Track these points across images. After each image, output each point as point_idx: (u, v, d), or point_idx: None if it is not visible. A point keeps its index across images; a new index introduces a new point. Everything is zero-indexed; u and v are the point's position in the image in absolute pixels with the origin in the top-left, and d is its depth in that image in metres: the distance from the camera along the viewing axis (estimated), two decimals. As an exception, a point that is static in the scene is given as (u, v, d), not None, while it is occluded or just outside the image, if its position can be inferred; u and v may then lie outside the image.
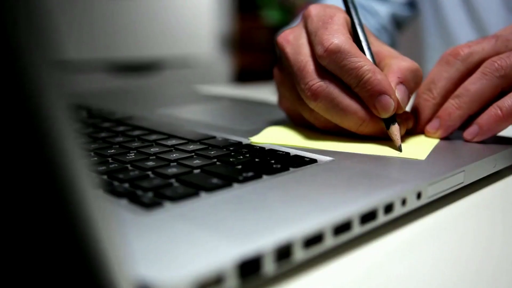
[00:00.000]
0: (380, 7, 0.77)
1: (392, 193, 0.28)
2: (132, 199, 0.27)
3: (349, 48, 0.36)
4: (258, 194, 0.28)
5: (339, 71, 0.37)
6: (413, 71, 0.38)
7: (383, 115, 0.37)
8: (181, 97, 0.65)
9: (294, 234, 0.23)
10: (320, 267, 0.24)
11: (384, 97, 0.36)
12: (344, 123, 0.38)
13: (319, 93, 0.37)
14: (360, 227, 0.26)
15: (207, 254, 0.21)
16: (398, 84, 0.37)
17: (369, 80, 0.36)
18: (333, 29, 0.37)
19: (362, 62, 0.36)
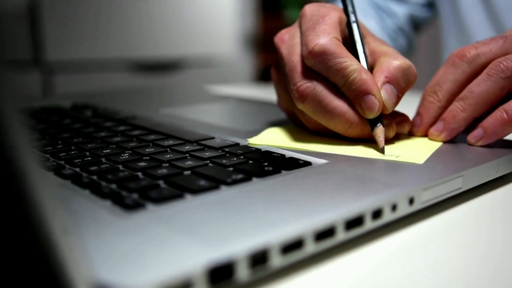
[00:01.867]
0: (397, 7, 0.76)
1: (382, 198, 0.27)
2: (115, 200, 0.26)
3: (334, 49, 0.36)
4: (244, 197, 0.27)
5: (326, 72, 0.36)
6: (404, 70, 0.37)
7: (368, 115, 0.36)
8: (191, 97, 0.65)
9: (271, 240, 0.22)
10: (300, 274, 0.23)
11: (368, 97, 0.36)
12: (331, 125, 0.37)
13: (307, 94, 0.36)
14: (345, 233, 0.25)
15: (178, 259, 0.20)
16: (385, 84, 0.37)
17: (355, 80, 0.35)
18: (320, 30, 0.36)
19: (348, 62, 0.35)
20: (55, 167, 0.32)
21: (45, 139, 0.39)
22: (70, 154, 0.35)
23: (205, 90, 0.74)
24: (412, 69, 0.38)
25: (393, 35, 0.74)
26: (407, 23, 0.77)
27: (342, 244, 0.26)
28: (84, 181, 0.29)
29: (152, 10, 1.62)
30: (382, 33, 0.72)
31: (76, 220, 0.24)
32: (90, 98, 0.61)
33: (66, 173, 0.31)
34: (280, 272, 0.23)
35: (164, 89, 0.74)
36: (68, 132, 0.42)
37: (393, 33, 0.74)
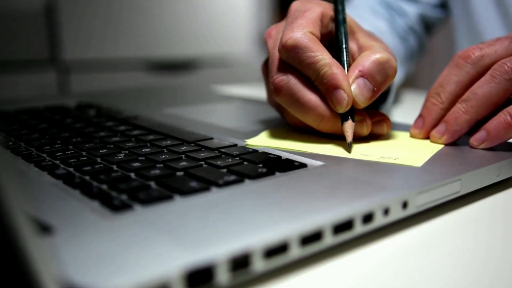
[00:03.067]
0: (409, 7, 0.75)
1: (373, 201, 0.26)
2: (103, 201, 0.26)
3: (306, 43, 0.36)
4: (233, 199, 0.27)
5: (299, 66, 0.37)
6: (380, 64, 0.37)
7: (338, 109, 0.36)
8: (197, 97, 0.65)
9: (253, 243, 0.22)
10: (285, 279, 0.23)
11: (338, 91, 0.35)
12: (305, 119, 0.38)
13: (281, 87, 0.37)
14: (333, 237, 0.25)
15: (155, 262, 0.20)
16: (358, 78, 0.36)
17: (325, 74, 0.35)
18: (296, 24, 0.37)
19: (319, 56, 0.35)
20: (50, 167, 0.32)
21: (45, 139, 0.40)
22: (66, 154, 0.35)
23: (212, 90, 0.74)
24: (390, 63, 0.37)
25: (404, 35, 0.73)
26: (418, 23, 0.75)
27: (331, 248, 0.25)
28: (76, 181, 0.29)
29: (168, 10, 1.63)
30: (392, 33, 0.71)
31: (61, 221, 0.24)
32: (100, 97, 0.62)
33: (59, 173, 0.31)
34: (264, 276, 0.23)
35: (172, 89, 0.74)
36: (68, 132, 0.42)
37: (404, 33, 0.73)
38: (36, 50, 1.59)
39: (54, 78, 1.59)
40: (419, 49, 0.76)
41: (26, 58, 1.57)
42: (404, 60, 0.72)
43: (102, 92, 0.72)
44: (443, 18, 0.77)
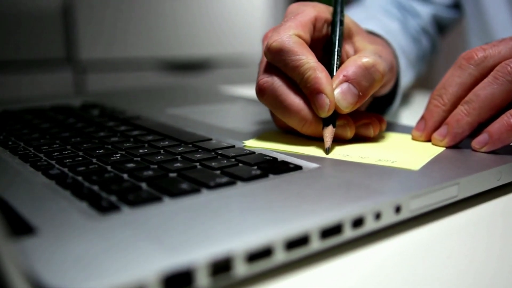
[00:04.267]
0: (422, 7, 0.73)
1: (364, 205, 0.26)
2: (92, 202, 0.26)
3: (291, 46, 0.35)
4: (222, 202, 0.26)
5: (284, 68, 0.36)
6: (366, 68, 0.36)
7: (320, 114, 0.36)
8: (203, 97, 0.65)
9: (235, 248, 0.21)
10: (269, 284, 0.23)
11: (320, 95, 0.35)
12: (289, 121, 0.37)
13: (265, 89, 0.37)
14: (321, 242, 0.24)
15: (133, 264, 0.20)
16: (342, 83, 0.36)
17: (309, 78, 0.35)
18: (285, 27, 0.37)
19: (304, 59, 0.35)
20: (45, 167, 0.32)
21: (45, 138, 0.40)
22: (63, 154, 0.35)
23: (220, 91, 0.73)
24: (376, 67, 0.36)
25: (416, 35, 0.72)
26: (431, 24, 0.74)
27: (319, 253, 0.25)
28: (67, 182, 0.29)
29: (183, 10, 1.63)
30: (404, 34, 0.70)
31: (46, 222, 0.24)
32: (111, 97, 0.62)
33: (53, 173, 0.31)
34: (247, 280, 0.23)
35: (181, 89, 0.74)
36: (69, 132, 0.42)
37: (416, 34, 0.72)
38: (52, 49, 1.61)
39: (70, 78, 1.61)
40: (431, 50, 0.75)
41: (42, 58, 1.59)
42: (415, 62, 0.71)
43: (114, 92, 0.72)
44: (456, 18, 0.76)
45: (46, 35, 1.59)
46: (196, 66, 1.67)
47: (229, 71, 1.72)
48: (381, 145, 0.37)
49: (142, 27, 1.60)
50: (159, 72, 1.64)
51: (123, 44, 1.59)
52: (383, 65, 0.36)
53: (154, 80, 1.62)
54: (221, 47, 1.70)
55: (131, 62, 1.61)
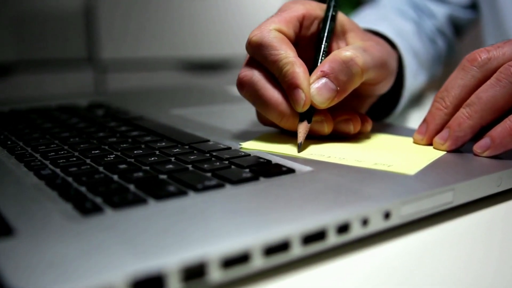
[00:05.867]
0: (437, 7, 0.72)
1: (350, 211, 0.25)
2: (76, 203, 0.26)
3: (271, 40, 0.36)
4: (206, 205, 0.26)
5: (264, 63, 0.36)
6: (344, 63, 0.35)
7: (296, 109, 0.36)
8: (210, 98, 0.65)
9: (209, 253, 0.21)
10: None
11: (297, 90, 0.35)
12: (268, 115, 0.37)
13: (244, 82, 0.37)
14: (302, 248, 0.24)
15: (103, 268, 0.19)
16: (320, 78, 0.35)
17: (287, 73, 0.35)
18: (268, 22, 0.37)
19: (283, 54, 0.35)
20: (38, 167, 0.32)
21: (44, 138, 0.40)
22: (59, 154, 0.35)
23: (227, 91, 0.73)
24: (355, 61, 0.36)
25: (432, 36, 0.71)
26: (447, 25, 0.73)
27: (300, 260, 0.24)
28: (57, 183, 0.29)
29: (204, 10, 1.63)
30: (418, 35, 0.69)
31: (26, 223, 0.24)
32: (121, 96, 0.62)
33: (44, 173, 0.31)
34: (223, 286, 0.22)
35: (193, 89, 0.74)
36: (69, 132, 0.42)
37: (432, 35, 0.71)
38: (74, 49, 1.63)
39: (91, 77, 1.63)
40: (448, 52, 0.74)
41: (64, 57, 1.61)
42: (430, 63, 0.69)
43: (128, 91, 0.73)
44: (473, 19, 0.74)
45: (69, 35, 1.61)
46: (215, 66, 1.67)
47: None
48: (380, 149, 0.36)
49: (162, 28, 1.61)
50: (179, 72, 1.65)
51: (144, 44, 1.60)
52: (363, 59, 0.36)
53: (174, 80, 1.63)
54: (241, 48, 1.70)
55: (151, 62, 1.62)
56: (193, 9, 1.63)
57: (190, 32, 1.63)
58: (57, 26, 1.59)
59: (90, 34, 1.62)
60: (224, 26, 1.66)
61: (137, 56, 1.61)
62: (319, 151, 0.36)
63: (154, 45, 1.61)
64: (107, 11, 1.56)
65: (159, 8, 1.60)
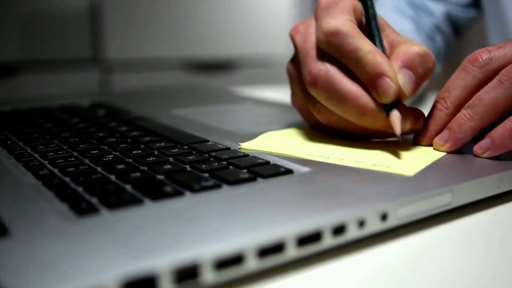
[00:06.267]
0: (435, 5, 0.72)
1: (346, 212, 0.25)
2: (72, 204, 0.26)
3: (347, 29, 0.34)
4: (201, 206, 0.26)
5: (339, 54, 0.35)
6: (421, 56, 0.35)
7: (383, 99, 0.34)
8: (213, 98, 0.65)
9: (202, 254, 0.21)
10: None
11: (384, 79, 0.33)
12: (345, 112, 0.35)
13: (319, 78, 0.35)
14: (297, 250, 0.23)
15: (95, 269, 0.19)
16: (402, 68, 0.35)
17: (369, 62, 0.34)
18: (334, 12, 0.36)
19: (361, 43, 0.34)
20: (36, 167, 0.32)
21: (44, 138, 0.40)
22: (58, 154, 0.35)
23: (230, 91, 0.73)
24: (430, 56, 0.35)
25: (430, 34, 0.70)
26: (445, 23, 0.72)
27: (295, 261, 0.24)
28: (54, 183, 0.29)
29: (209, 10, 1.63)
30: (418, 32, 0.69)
31: (21, 223, 0.24)
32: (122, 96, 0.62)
33: (42, 173, 0.31)
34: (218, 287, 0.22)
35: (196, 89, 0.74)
36: (69, 132, 0.42)
37: (430, 32, 0.70)
38: (79, 49, 1.63)
39: (97, 77, 1.63)
40: (446, 49, 0.73)
41: (69, 57, 1.62)
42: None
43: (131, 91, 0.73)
44: (472, 18, 0.74)
45: (74, 35, 1.61)
46: (221, 66, 1.67)
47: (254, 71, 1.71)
48: (380, 149, 0.36)
49: (168, 28, 1.61)
50: (184, 72, 1.65)
51: (149, 44, 1.61)
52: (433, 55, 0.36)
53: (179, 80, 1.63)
54: (247, 48, 1.70)
55: (156, 62, 1.62)
56: (198, 9, 1.63)
57: (195, 32, 1.63)
58: (62, 26, 1.59)
59: (95, 34, 1.63)
60: (229, 26, 1.66)
61: (142, 56, 1.61)
62: (319, 151, 0.35)
63: (159, 45, 1.61)
64: (112, 11, 1.56)
65: (164, 8, 1.60)
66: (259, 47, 1.71)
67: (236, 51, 1.67)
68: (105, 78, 1.62)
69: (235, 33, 1.67)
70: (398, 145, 0.37)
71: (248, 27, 1.67)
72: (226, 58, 1.67)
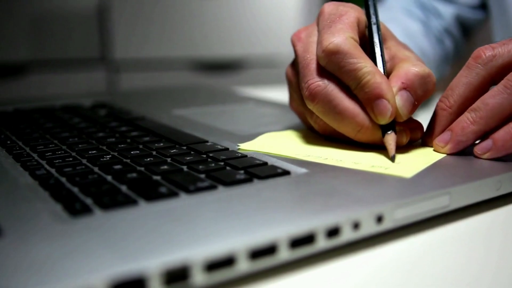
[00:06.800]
0: (444, 7, 0.71)
1: (341, 214, 0.25)
2: (66, 204, 0.26)
3: (348, 48, 0.34)
4: (195, 207, 0.26)
5: (338, 72, 0.35)
6: (422, 78, 0.35)
7: (380, 120, 0.34)
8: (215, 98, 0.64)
9: (192, 256, 0.21)
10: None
11: (381, 101, 0.33)
12: (341, 128, 0.35)
13: (317, 93, 0.35)
14: (290, 252, 0.23)
15: (84, 271, 0.19)
16: (401, 90, 0.34)
17: (368, 83, 0.33)
18: (336, 28, 0.35)
19: (362, 63, 0.34)
20: (33, 167, 0.32)
21: (44, 138, 0.40)
22: (56, 154, 0.35)
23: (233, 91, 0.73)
24: (431, 78, 0.35)
25: (439, 36, 0.70)
26: (455, 25, 0.72)
27: (287, 264, 0.24)
28: (50, 183, 0.29)
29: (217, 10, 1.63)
30: (427, 35, 0.68)
31: (14, 224, 0.24)
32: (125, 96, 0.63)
33: (39, 173, 0.31)
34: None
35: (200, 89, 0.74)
36: (69, 132, 0.42)
37: (439, 35, 0.70)
38: (87, 49, 1.64)
39: (104, 76, 1.64)
40: (455, 52, 0.73)
41: (77, 57, 1.62)
42: (438, 63, 0.69)
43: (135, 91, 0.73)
44: (481, 19, 0.73)
45: (82, 35, 1.62)
46: (228, 66, 1.67)
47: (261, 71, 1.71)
48: (379, 151, 0.36)
49: (175, 28, 1.61)
50: (191, 72, 1.65)
51: (156, 44, 1.61)
52: (434, 76, 0.35)
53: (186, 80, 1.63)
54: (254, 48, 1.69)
55: (164, 62, 1.62)
56: (205, 10, 1.63)
57: (202, 33, 1.63)
58: (70, 27, 1.60)
59: (103, 34, 1.63)
60: (236, 26, 1.66)
61: (149, 56, 1.62)
62: (317, 152, 0.35)
63: (166, 45, 1.62)
64: (119, 12, 1.56)
65: (171, 8, 1.60)
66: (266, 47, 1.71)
67: (243, 51, 1.67)
68: (112, 78, 1.63)
69: (242, 33, 1.66)
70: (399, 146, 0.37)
71: (255, 27, 1.67)
72: (233, 58, 1.67)
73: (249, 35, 1.67)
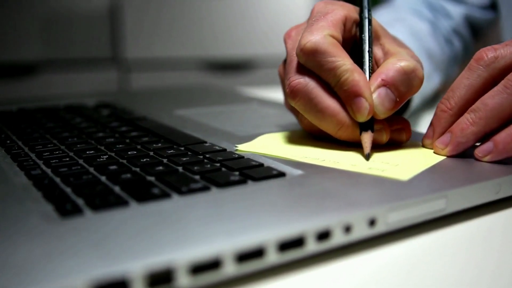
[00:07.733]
0: (453, 7, 0.70)
1: (331, 217, 0.24)
2: (57, 205, 0.26)
3: (326, 47, 0.34)
4: (186, 209, 0.26)
5: (317, 70, 0.35)
6: (405, 73, 0.34)
7: (358, 118, 0.34)
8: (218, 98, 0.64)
9: (177, 259, 0.21)
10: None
11: (359, 99, 0.33)
12: (323, 125, 0.35)
13: (298, 90, 0.35)
14: (278, 255, 0.23)
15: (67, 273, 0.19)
16: (380, 87, 0.34)
17: (346, 81, 0.33)
18: (317, 26, 0.35)
19: (340, 61, 0.33)
20: (29, 167, 0.32)
21: (43, 138, 0.40)
22: (53, 154, 0.35)
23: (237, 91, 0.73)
24: (416, 73, 0.34)
25: (448, 37, 0.69)
26: (464, 25, 0.71)
27: (276, 267, 0.23)
28: (44, 183, 0.29)
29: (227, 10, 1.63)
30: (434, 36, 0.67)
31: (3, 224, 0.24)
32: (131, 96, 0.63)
33: (34, 173, 0.31)
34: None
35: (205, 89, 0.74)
36: (69, 132, 0.42)
37: (448, 35, 0.69)
38: (99, 48, 1.65)
39: (115, 76, 1.64)
40: (464, 53, 0.72)
41: (89, 56, 1.63)
42: (446, 64, 0.68)
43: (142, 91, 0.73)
44: (491, 19, 0.72)
45: (93, 35, 1.63)
46: (238, 66, 1.67)
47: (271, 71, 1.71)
48: (379, 153, 0.35)
49: (186, 28, 1.61)
50: (202, 72, 1.65)
51: (168, 44, 1.61)
52: (422, 71, 0.35)
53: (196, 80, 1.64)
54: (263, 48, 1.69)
55: (174, 62, 1.63)
56: (215, 10, 1.63)
57: (213, 33, 1.63)
58: (82, 26, 1.61)
59: (114, 34, 1.64)
60: (247, 26, 1.65)
61: (161, 55, 1.62)
62: (314, 154, 0.35)
63: (177, 45, 1.62)
64: (131, 12, 1.57)
65: (181, 8, 1.60)
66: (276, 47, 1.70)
67: (253, 51, 1.67)
68: (123, 77, 1.63)
69: (252, 33, 1.66)
70: (398, 148, 0.37)
71: (265, 26, 1.66)
72: (243, 58, 1.67)
73: (259, 35, 1.67)
